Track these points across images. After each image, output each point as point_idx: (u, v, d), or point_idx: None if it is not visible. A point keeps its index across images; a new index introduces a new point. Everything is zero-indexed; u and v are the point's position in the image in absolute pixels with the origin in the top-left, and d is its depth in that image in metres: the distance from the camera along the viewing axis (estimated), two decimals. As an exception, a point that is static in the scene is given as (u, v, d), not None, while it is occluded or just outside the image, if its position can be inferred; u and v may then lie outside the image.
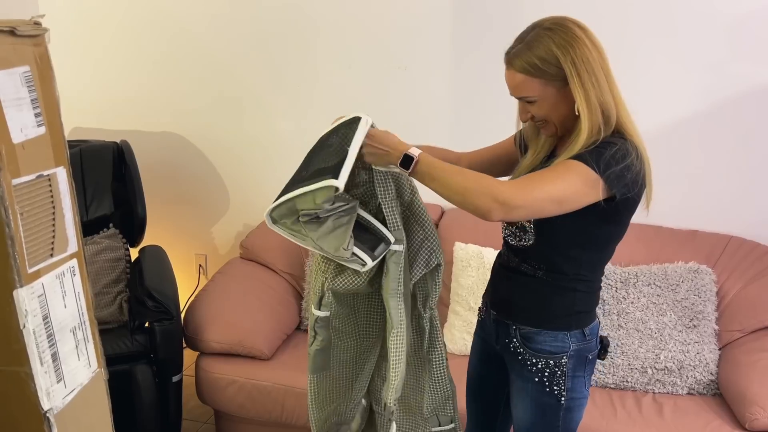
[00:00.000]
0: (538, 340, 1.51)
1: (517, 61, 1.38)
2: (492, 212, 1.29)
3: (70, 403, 1.06)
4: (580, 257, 1.47)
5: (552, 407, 1.53)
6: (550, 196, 1.31)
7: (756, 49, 2.41)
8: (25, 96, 0.96)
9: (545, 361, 1.50)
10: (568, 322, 1.50)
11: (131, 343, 2.37)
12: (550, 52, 1.34)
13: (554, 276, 1.49)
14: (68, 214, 1.06)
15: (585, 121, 1.35)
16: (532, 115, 1.44)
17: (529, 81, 1.37)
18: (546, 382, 1.51)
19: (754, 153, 2.50)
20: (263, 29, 2.89)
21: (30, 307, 0.97)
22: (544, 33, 1.36)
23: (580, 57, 1.33)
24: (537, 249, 1.48)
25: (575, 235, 1.44)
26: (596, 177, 1.32)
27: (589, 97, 1.34)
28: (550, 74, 1.36)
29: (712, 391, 2.26)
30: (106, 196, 2.74)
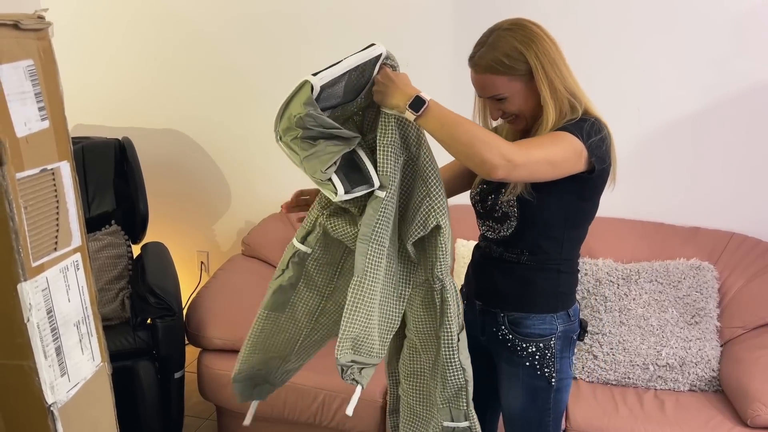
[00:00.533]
0: (527, 324, 1.55)
1: (483, 62, 1.44)
2: (498, 168, 1.29)
3: (74, 397, 1.06)
4: (561, 237, 1.52)
5: (543, 390, 1.57)
6: (547, 158, 1.35)
7: (758, 45, 2.41)
8: (29, 90, 0.96)
9: (535, 345, 1.55)
10: (555, 304, 1.55)
11: (133, 340, 2.37)
12: (514, 48, 1.41)
13: (538, 259, 1.53)
14: (72, 208, 1.06)
15: (550, 109, 1.42)
16: (503, 112, 1.48)
17: (497, 79, 1.43)
18: (537, 365, 1.55)
19: (757, 150, 2.50)
20: (265, 26, 2.89)
21: (34, 301, 0.97)
22: (504, 33, 1.44)
23: (541, 51, 1.41)
24: (519, 235, 1.52)
25: (556, 215, 1.49)
26: (581, 146, 1.38)
27: (555, 86, 1.42)
28: (516, 69, 1.42)
29: (713, 387, 2.26)
30: (108, 193, 2.74)
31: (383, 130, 1.42)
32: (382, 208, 1.42)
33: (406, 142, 1.45)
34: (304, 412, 2.32)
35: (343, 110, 1.48)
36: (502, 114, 1.49)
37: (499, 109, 1.48)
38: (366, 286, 1.43)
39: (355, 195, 1.40)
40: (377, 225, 1.42)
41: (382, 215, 1.42)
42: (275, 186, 3.09)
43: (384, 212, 1.42)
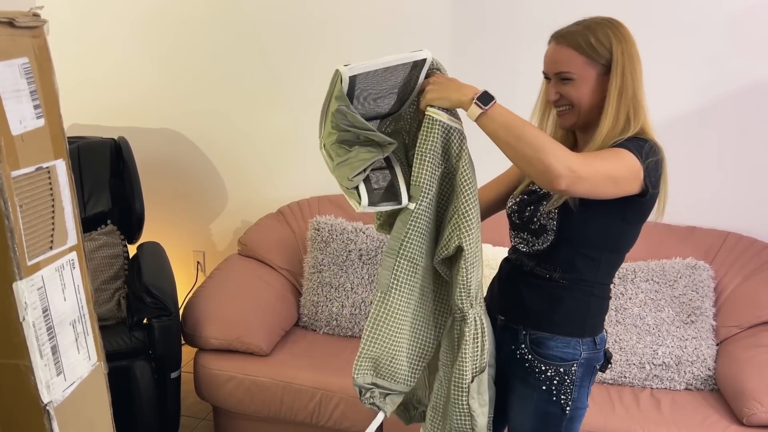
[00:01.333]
0: (550, 345, 1.47)
1: (572, 36, 1.39)
2: (561, 178, 1.23)
3: (69, 396, 1.06)
4: (599, 258, 1.44)
5: (555, 417, 1.49)
6: (610, 173, 1.30)
7: (754, 45, 2.41)
8: (24, 88, 0.96)
9: (555, 369, 1.46)
10: (582, 328, 1.47)
11: (130, 340, 2.37)
12: (606, 36, 1.37)
13: (570, 278, 1.45)
14: (68, 206, 1.06)
15: (611, 110, 1.37)
16: (560, 96, 1.42)
17: (576, 57, 1.38)
18: (553, 390, 1.47)
19: (752, 149, 2.51)
20: (261, 26, 2.89)
21: (29, 300, 0.97)
22: (603, 21, 1.40)
23: (629, 52, 1.38)
24: (555, 250, 1.44)
25: (596, 236, 1.42)
26: (639, 166, 1.33)
27: (625, 89, 1.37)
28: (599, 56, 1.37)
29: (709, 386, 2.26)
30: (104, 192, 2.74)
31: (425, 136, 1.32)
32: (412, 221, 1.33)
33: (447, 152, 1.35)
34: (301, 411, 2.32)
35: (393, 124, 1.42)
36: (559, 98, 1.42)
37: (558, 92, 1.42)
38: (392, 303, 1.34)
39: (379, 209, 1.34)
40: (406, 239, 1.34)
41: (411, 229, 1.34)
42: (272, 186, 3.08)
43: (415, 226, 1.34)
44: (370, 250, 2.61)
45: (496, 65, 2.65)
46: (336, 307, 2.58)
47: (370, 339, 1.35)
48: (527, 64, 2.59)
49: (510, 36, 2.61)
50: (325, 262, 2.62)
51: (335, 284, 2.60)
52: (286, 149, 3.01)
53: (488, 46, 2.65)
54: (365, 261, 2.60)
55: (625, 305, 2.37)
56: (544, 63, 1.44)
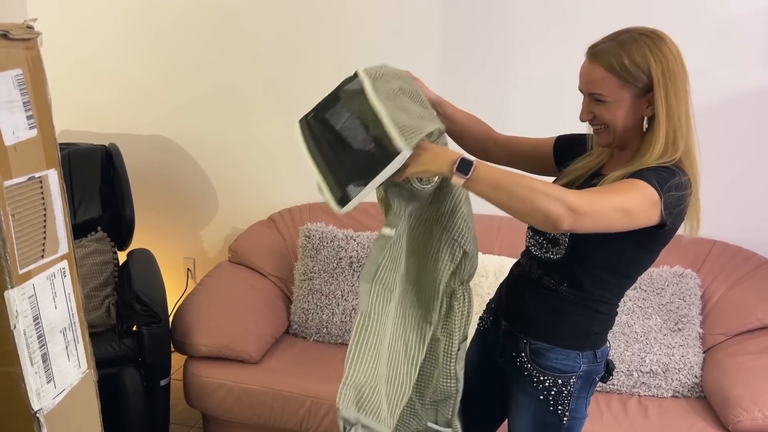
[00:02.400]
0: (549, 356, 1.46)
1: (606, 57, 1.31)
2: (562, 220, 1.20)
3: (59, 403, 1.07)
4: (608, 280, 1.42)
5: (553, 426, 1.49)
6: (617, 206, 1.26)
7: (739, 55, 2.45)
8: (18, 99, 0.97)
9: (553, 380, 1.46)
10: (583, 342, 1.46)
11: (119, 347, 2.36)
12: (643, 56, 1.30)
13: (577, 294, 1.44)
14: (59, 215, 1.07)
15: (661, 135, 1.32)
16: (593, 117, 1.38)
17: (610, 79, 1.31)
18: (551, 401, 1.47)
19: (738, 158, 2.54)
20: (252, 32, 2.90)
21: (21, 308, 0.98)
22: (639, 37, 1.32)
23: (671, 70, 1.31)
24: (565, 264, 1.42)
25: (609, 258, 1.40)
26: (657, 199, 1.28)
27: (672, 111, 1.32)
28: (634, 78, 1.31)
29: (696, 393, 2.28)
30: (95, 199, 2.73)
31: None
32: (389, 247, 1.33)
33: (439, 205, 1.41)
34: (290, 418, 2.32)
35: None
36: (592, 118, 1.38)
37: (591, 111, 1.37)
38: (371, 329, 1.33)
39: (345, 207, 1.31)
40: (382, 265, 1.33)
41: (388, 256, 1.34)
42: (263, 193, 3.09)
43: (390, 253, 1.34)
44: (361, 258, 2.62)
45: (488, 64, 2.68)
46: (326, 315, 2.59)
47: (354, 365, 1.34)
48: (520, 63, 2.61)
49: (501, 35, 2.63)
50: (316, 270, 2.63)
51: (326, 291, 2.61)
52: (277, 156, 3.02)
53: (479, 45, 2.67)
54: (356, 268, 2.61)
55: (613, 313, 2.39)
56: (580, 80, 1.38)
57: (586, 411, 1.53)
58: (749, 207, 2.57)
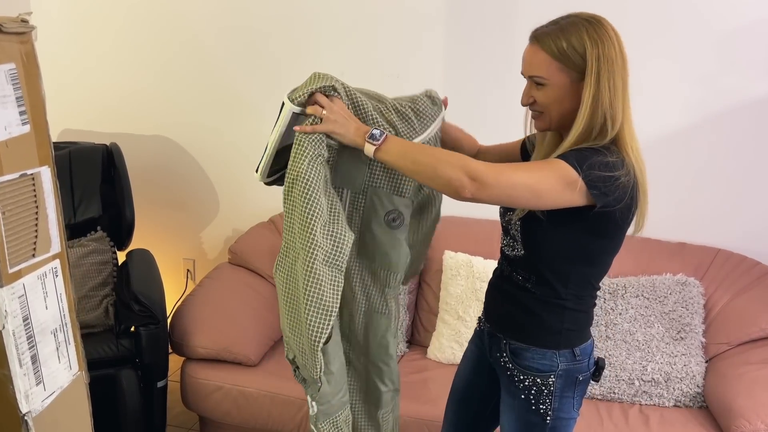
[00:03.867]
0: (527, 356, 1.48)
1: (546, 40, 1.33)
2: (464, 187, 1.25)
3: (49, 406, 1.05)
4: (568, 272, 1.43)
5: (537, 425, 1.50)
6: (524, 183, 1.28)
7: (745, 63, 2.43)
8: (10, 93, 0.95)
9: (532, 379, 1.47)
10: (557, 340, 1.46)
11: (116, 348, 2.35)
12: (581, 40, 1.31)
13: (544, 290, 1.45)
14: (52, 214, 1.05)
15: (582, 119, 1.32)
16: (534, 101, 1.38)
17: (549, 62, 1.33)
18: (532, 400, 1.48)
19: (743, 166, 2.52)
20: (255, 34, 2.89)
21: (10, 308, 0.96)
22: (580, 21, 1.33)
23: (606, 56, 1.30)
24: (527, 260, 1.45)
25: (562, 248, 1.40)
26: (576, 178, 1.28)
27: (600, 97, 1.30)
28: (572, 63, 1.32)
29: (698, 403, 2.26)
30: (95, 198, 2.72)
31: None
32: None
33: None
34: (288, 422, 2.30)
35: None
36: (532, 102, 1.39)
37: (531, 95, 1.38)
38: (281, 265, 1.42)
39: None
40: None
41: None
42: (263, 194, 3.07)
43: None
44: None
45: (490, 64, 2.66)
46: (325, 318, 2.56)
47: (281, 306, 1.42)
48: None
49: (505, 40, 2.62)
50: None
51: (325, 295, 2.59)
52: (278, 158, 3.01)
53: (482, 45, 2.66)
54: (356, 272, 2.59)
55: (615, 321, 2.36)
56: (522, 63, 1.39)
57: (576, 411, 1.52)
58: (754, 215, 2.54)
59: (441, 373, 2.38)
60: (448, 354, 2.46)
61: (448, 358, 2.46)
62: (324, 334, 1.32)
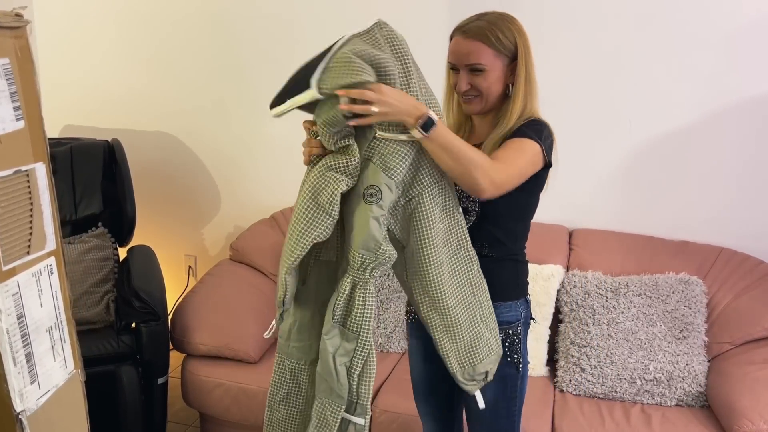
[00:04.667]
0: (496, 313, 1.59)
1: (481, 32, 1.51)
2: (486, 191, 1.41)
3: (44, 404, 1.04)
4: (515, 229, 1.62)
5: (512, 378, 1.62)
6: (519, 171, 1.47)
7: (749, 63, 2.41)
8: (4, 89, 0.94)
9: (504, 332, 1.60)
10: (517, 291, 1.64)
11: (117, 344, 2.35)
12: (509, 30, 1.52)
13: (498, 250, 1.60)
14: (47, 210, 1.04)
15: (520, 96, 1.53)
16: (471, 86, 1.54)
17: (485, 49, 1.51)
18: (507, 352, 1.61)
19: (746, 164, 2.50)
20: (257, 30, 2.88)
21: (4, 306, 0.95)
22: (500, 17, 1.54)
23: (527, 44, 1.54)
24: (479, 228, 1.57)
25: (513, 209, 1.58)
26: (539, 149, 1.50)
27: (531, 77, 1.54)
28: (505, 48, 1.52)
29: (700, 403, 2.24)
30: (96, 194, 2.72)
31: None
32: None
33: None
34: (287, 420, 2.29)
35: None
36: (469, 88, 1.54)
37: (470, 82, 1.54)
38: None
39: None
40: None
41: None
42: (265, 191, 3.07)
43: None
44: (362, 259, 2.59)
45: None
46: (326, 315, 2.56)
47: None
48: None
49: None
50: (317, 270, 2.60)
51: (326, 292, 2.58)
52: (279, 154, 3.00)
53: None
54: (357, 269, 2.58)
55: (617, 319, 2.35)
56: (453, 55, 1.56)
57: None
58: (757, 214, 2.52)
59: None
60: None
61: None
62: (293, 259, 1.45)
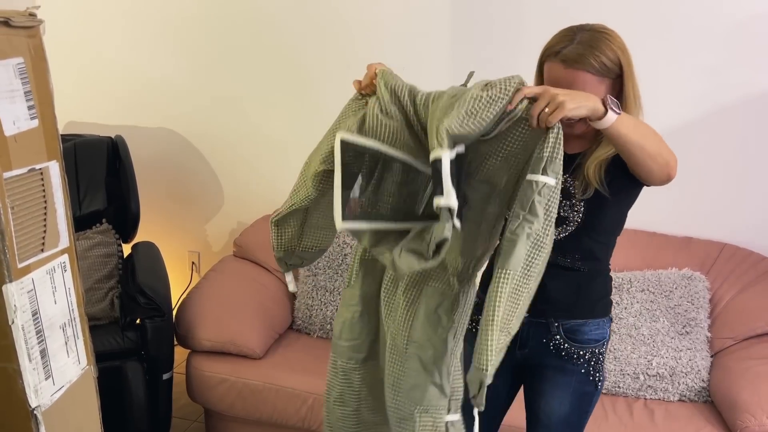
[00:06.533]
0: (584, 331, 1.55)
1: (584, 60, 1.39)
2: (673, 174, 1.37)
3: (58, 400, 1.05)
4: (609, 242, 1.56)
5: (589, 395, 1.59)
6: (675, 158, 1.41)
7: (752, 56, 2.41)
8: (19, 88, 0.95)
9: (591, 351, 1.55)
10: (605, 308, 1.59)
11: (122, 340, 2.35)
12: (612, 51, 1.41)
13: (590, 264, 1.54)
14: (60, 208, 1.05)
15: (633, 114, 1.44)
16: None
17: (589, 77, 1.40)
18: (591, 370, 1.56)
19: (749, 160, 2.51)
20: (260, 26, 2.88)
21: (19, 303, 0.96)
22: (598, 35, 1.42)
23: (629, 59, 1.44)
24: (574, 239, 1.50)
25: (616, 221, 1.53)
26: None
27: (637, 94, 1.46)
28: (609, 72, 1.42)
29: (703, 398, 2.26)
30: (100, 191, 2.72)
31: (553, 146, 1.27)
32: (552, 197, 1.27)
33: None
34: (293, 415, 2.31)
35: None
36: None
37: None
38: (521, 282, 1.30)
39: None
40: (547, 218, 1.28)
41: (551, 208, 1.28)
42: (268, 187, 3.07)
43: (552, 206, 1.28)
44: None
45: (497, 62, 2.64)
46: (330, 311, 2.57)
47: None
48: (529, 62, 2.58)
49: (511, 34, 2.61)
50: (320, 266, 2.61)
51: (330, 288, 2.59)
52: (283, 151, 3.00)
53: (488, 41, 2.64)
54: (361, 265, 2.59)
55: (621, 315, 2.36)
56: (555, 84, 1.39)
57: None
58: (760, 209, 2.53)
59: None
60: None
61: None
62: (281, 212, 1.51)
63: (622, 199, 1.50)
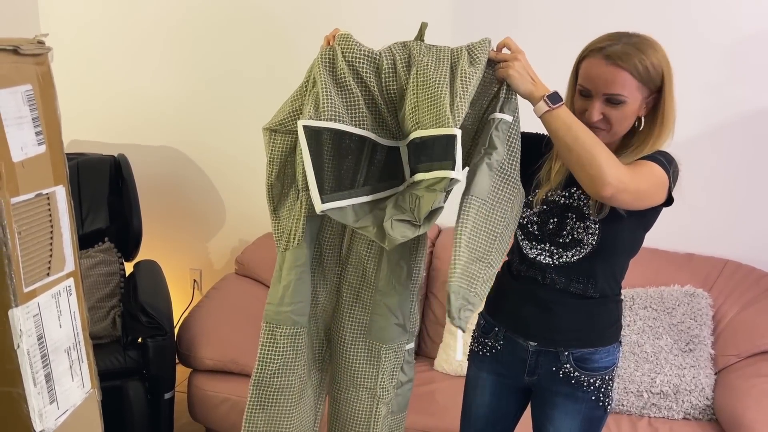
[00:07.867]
0: (595, 359, 1.52)
1: (630, 60, 1.35)
2: (609, 186, 1.26)
3: (62, 424, 1.05)
4: (623, 265, 1.52)
5: (598, 420, 1.56)
6: (644, 189, 1.34)
7: (752, 73, 2.43)
8: (27, 114, 0.96)
9: (601, 378, 1.52)
10: (615, 333, 1.54)
11: (123, 359, 2.35)
12: (659, 60, 1.38)
13: (602, 290, 1.50)
14: (66, 233, 1.05)
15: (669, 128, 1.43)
16: (603, 116, 1.39)
17: (630, 80, 1.35)
18: (600, 396, 1.53)
19: (751, 177, 2.51)
20: (262, 43, 2.90)
21: (25, 327, 0.96)
22: (646, 41, 1.39)
23: (671, 75, 1.41)
24: (586, 262, 1.46)
25: (626, 244, 1.47)
26: (666, 180, 1.38)
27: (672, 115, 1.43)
28: (651, 81, 1.37)
29: (707, 416, 2.25)
30: (102, 209, 2.73)
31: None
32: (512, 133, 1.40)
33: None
34: None
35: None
36: (601, 119, 1.39)
37: (602, 112, 1.38)
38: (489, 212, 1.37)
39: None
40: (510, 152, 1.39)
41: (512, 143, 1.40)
42: (270, 205, 3.08)
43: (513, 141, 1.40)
44: (368, 272, 2.60)
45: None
46: (332, 329, 2.56)
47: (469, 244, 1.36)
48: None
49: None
50: (323, 284, 2.61)
51: (332, 306, 2.58)
52: (285, 169, 3.01)
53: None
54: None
55: (623, 332, 2.35)
56: (589, 80, 1.39)
57: None
58: (762, 226, 2.54)
59: (448, 384, 2.38)
60: (455, 365, 2.45)
61: (455, 369, 2.45)
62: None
63: (638, 218, 1.43)
